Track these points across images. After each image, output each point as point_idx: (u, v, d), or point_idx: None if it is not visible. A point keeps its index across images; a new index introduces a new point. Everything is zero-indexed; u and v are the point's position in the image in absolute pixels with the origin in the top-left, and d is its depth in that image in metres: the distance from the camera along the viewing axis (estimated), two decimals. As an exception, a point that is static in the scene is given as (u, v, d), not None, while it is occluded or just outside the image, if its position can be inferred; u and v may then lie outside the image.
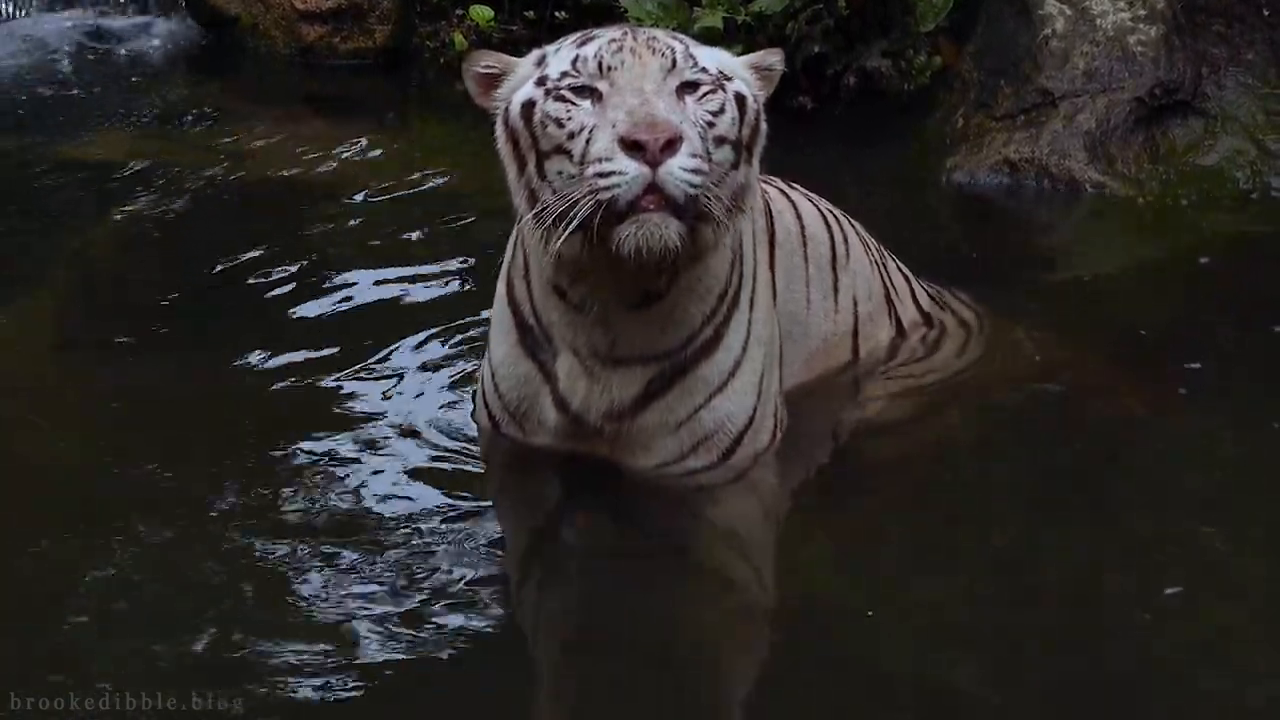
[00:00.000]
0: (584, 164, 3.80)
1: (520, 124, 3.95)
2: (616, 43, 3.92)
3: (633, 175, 3.74)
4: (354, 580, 3.94)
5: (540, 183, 3.91)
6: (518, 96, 3.98)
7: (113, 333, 5.25)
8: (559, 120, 3.87)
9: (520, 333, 4.25)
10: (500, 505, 4.40)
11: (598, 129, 3.80)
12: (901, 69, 7.28)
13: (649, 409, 4.19)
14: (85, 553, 4.03)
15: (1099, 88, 6.73)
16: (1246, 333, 5.36)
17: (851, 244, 4.83)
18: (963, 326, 5.09)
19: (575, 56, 3.93)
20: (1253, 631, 3.87)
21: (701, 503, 4.29)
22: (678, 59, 3.90)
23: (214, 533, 4.10)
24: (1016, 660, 3.75)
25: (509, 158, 4.01)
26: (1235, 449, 4.67)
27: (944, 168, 6.78)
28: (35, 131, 7.17)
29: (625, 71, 3.86)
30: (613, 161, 3.74)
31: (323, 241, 6.00)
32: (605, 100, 3.84)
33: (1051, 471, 4.56)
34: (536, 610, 4.06)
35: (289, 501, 4.26)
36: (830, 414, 4.74)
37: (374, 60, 8.14)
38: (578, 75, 3.90)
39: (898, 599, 3.96)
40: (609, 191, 3.74)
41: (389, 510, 4.23)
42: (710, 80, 3.93)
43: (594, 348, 4.14)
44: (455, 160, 6.83)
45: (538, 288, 4.17)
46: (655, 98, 3.81)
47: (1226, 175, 6.60)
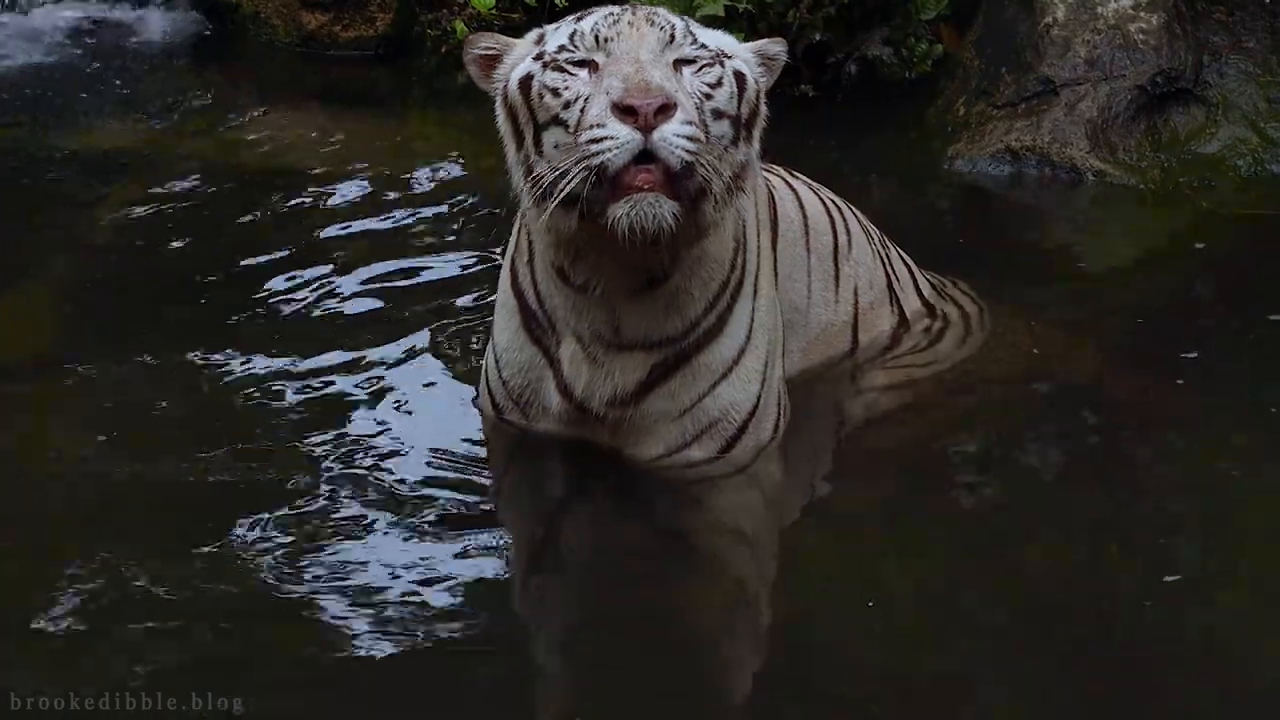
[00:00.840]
0: (578, 131, 3.79)
1: (519, 98, 3.96)
2: (613, 16, 3.94)
3: (624, 140, 3.72)
4: (354, 570, 3.94)
5: (537, 156, 3.91)
6: (515, 73, 3.99)
7: (113, 323, 5.24)
8: (555, 90, 3.87)
9: (524, 318, 4.25)
10: (502, 494, 4.40)
11: (593, 97, 3.80)
12: (903, 57, 7.28)
13: (652, 395, 4.19)
14: (84, 551, 4.02)
15: (1100, 76, 6.72)
16: (1247, 321, 5.36)
17: (854, 234, 4.83)
18: (965, 318, 5.09)
19: (573, 31, 3.94)
20: (1255, 617, 3.88)
21: (703, 494, 4.29)
22: (676, 34, 3.91)
23: (214, 529, 4.09)
24: (1018, 652, 3.76)
25: (508, 135, 4.01)
26: (1237, 438, 4.67)
27: (945, 156, 6.78)
28: (36, 122, 7.16)
29: (622, 42, 3.87)
30: (605, 128, 3.74)
31: (324, 230, 5.99)
32: (602, 70, 3.84)
33: (1053, 463, 4.56)
34: (538, 599, 4.07)
35: (291, 491, 4.25)
36: (832, 404, 4.74)
37: (375, 48, 8.12)
38: (575, 49, 3.90)
39: (898, 591, 3.96)
40: (599, 157, 3.73)
41: (391, 499, 4.23)
42: (709, 56, 3.94)
43: (597, 332, 4.14)
44: (457, 149, 6.83)
45: (541, 271, 4.17)
46: (650, 66, 3.81)
47: (1228, 163, 6.60)
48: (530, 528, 4.36)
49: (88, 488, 4.33)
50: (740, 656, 3.86)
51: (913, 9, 7.20)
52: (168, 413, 4.67)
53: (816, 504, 4.44)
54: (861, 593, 3.94)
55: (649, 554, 4.16)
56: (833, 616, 3.88)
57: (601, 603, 3.99)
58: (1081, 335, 5.21)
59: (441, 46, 8.07)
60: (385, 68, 8.03)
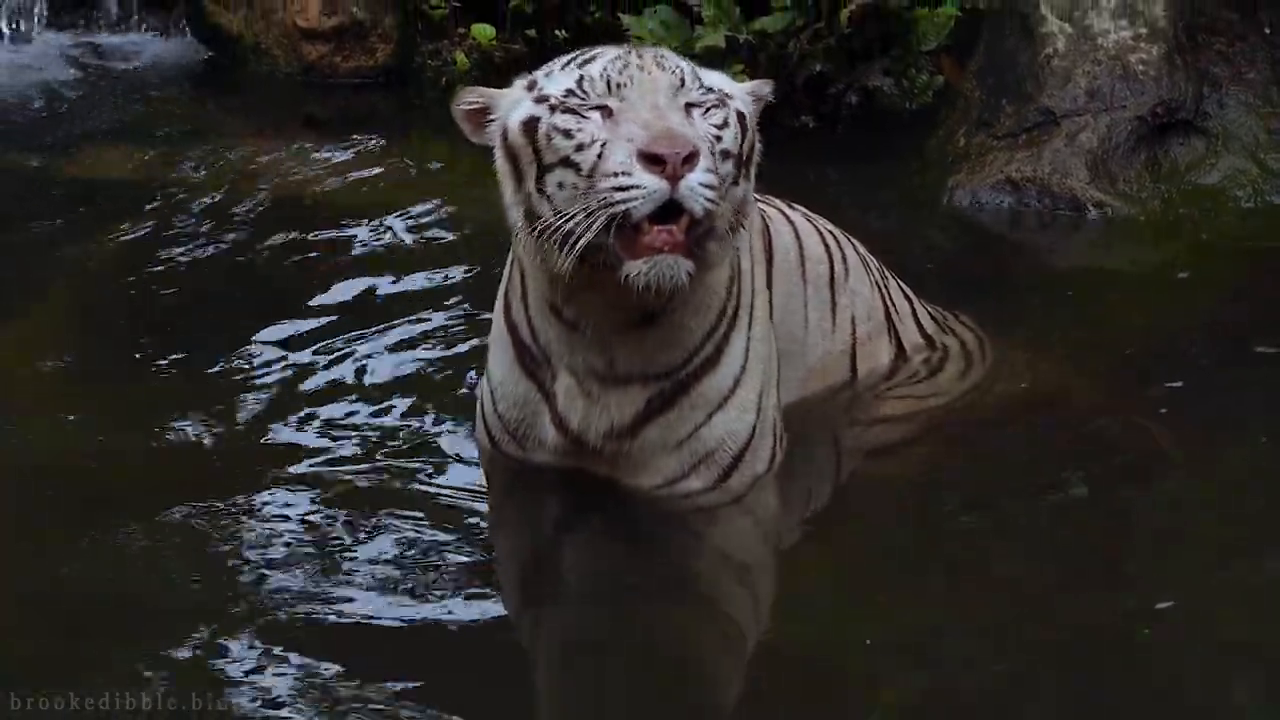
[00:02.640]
0: (593, 176, 3.78)
1: (521, 140, 3.94)
2: (623, 60, 3.93)
3: (651, 189, 3.72)
4: (350, 595, 3.93)
5: (538, 196, 3.90)
6: (515, 116, 3.97)
7: (112, 352, 5.25)
8: (567, 131, 3.86)
9: (518, 352, 4.24)
10: (499, 525, 4.39)
11: (611, 143, 3.79)
12: (903, 88, 7.29)
13: (649, 427, 4.18)
14: (84, 559, 4.07)
15: (1101, 106, 6.72)
16: (1247, 352, 5.35)
17: (851, 264, 4.83)
18: (965, 350, 5.08)
19: (580, 76, 3.92)
20: (1251, 642, 3.87)
21: (701, 524, 4.28)
22: (685, 78, 3.92)
23: (212, 545, 4.11)
24: (1017, 688, 3.74)
25: (507, 175, 4.00)
26: (1239, 473, 4.66)
27: (945, 187, 6.77)
28: (35, 150, 7.18)
29: (636, 87, 3.87)
30: (631, 176, 3.73)
31: (321, 260, 6.01)
32: (617, 115, 3.83)
33: (1052, 496, 4.55)
34: (533, 628, 4.05)
35: (287, 517, 4.25)
36: (830, 436, 4.73)
37: (375, 79, 8.14)
38: (585, 94, 3.89)
39: (896, 624, 3.94)
40: (625, 204, 3.73)
41: (387, 528, 4.22)
42: (714, 99, 3.95)
43: (591, 367, 4.13)
44: (455, 180, 6.83)
45: (534, 308, 4.16)
46: (670, 112, 3.82)
47: (1228, 194, 6.60)
48: (527, 556, 4.35)
49: (87, 499, 4.37)
50: (736, 686, 3.84)
51: (913, 40, 7.22)
52: (163, 436, 4.67)
53: (814, 535, 4.43)
54: (858, 627, 3.91)
55: (645, 582, 4.14)
56: (831, 648, 3.86)
57: (595, 631, 3.97)
58: (1081, 366, 5.20)
59: (442, 77, 8.09)
60: (385, 98, 8.04)
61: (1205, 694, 3.69)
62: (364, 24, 8.19)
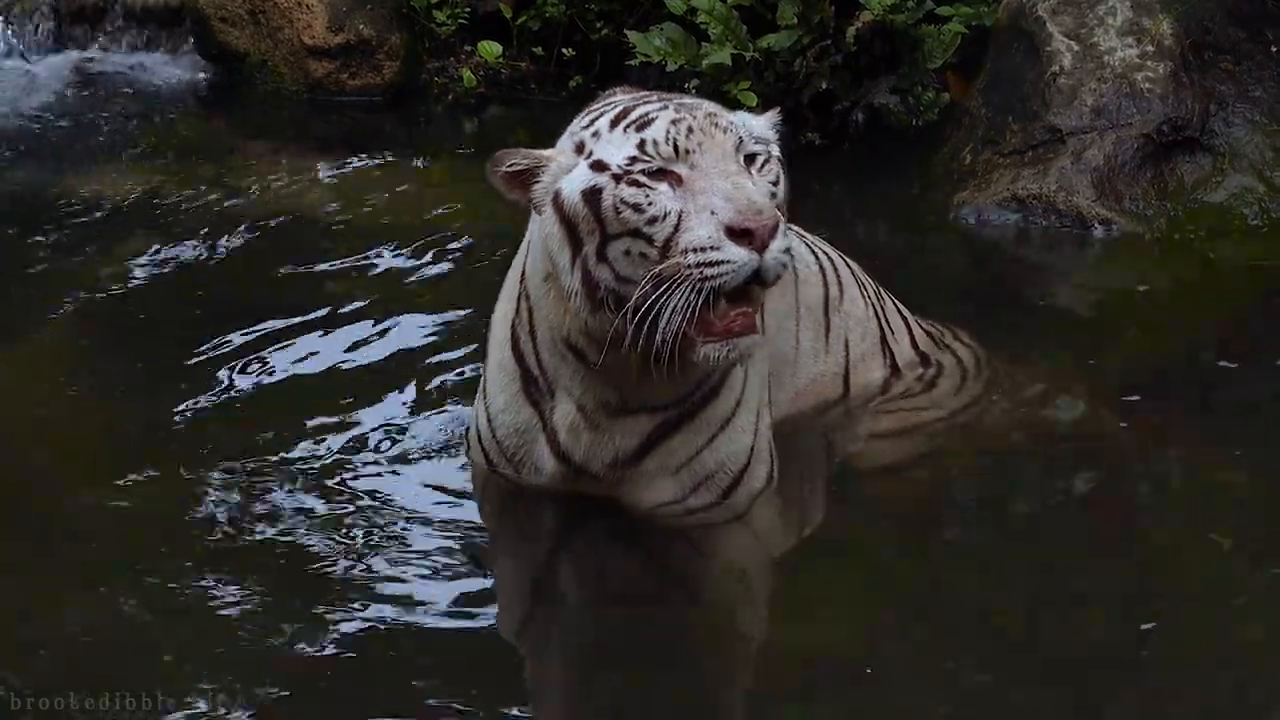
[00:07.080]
0: (668, 249, 3.79)
1: (583, 210, 3.89)
2: (684, 123, 3.89)
3: (742, 263, 3.76)
4: (348, 617, 3.94)
5: (598, 264, 3.88)
6: (572, 184, 3.92)
7: (118, 371, 5.26)
8: (637, 205, 3.83)
9: (524, 383, 4.24)
10: (497, 543, 4.42)
11: (691, 215, 3.80)
12: (910, 105, 7.28)
13: (652, 454, 4.19)
14: (85, 566, 4.13)
15: (1107, 124, 6.71)
16: (1252, 370, 5.35)
17: (845, 285, 4.83)
18: (961, 366, 5.07)
19: (641, 141, 3.88)
20: (1251, 655, 3.90)
21: (700, 537, 4.30)
22: (742, 135, 3.92)
23: (211, 563, 4.15)
24: (1016, 700, 3.74)
25: (562, 242, 3.93)
26: (1247, 491, 4.65)
27: (951, 204, 6.77)
28: (40, 169, 7.19)
29: (704, 155, 3.85)
30: (721, 250, 3.76)
31: (327, 279, 6.02)
32: (689, 184, 3.83)
33: (1049, 512, 4.55)
34: (533, 646, 4.06)
35: (284, 539, 4.27)
36: (825, 451, 4.75)
37: (382, 96, 8.14)
38: (650, 160, 3.86)
39: (894, 643, 3.95)
40: (717, 280, 3.76)
41: (383, 548, 4.23)
42: (764, 151, 3.96)
43: (603, 400, 4.13)
44: (462, 198, 6.82)
45: (545, 345, 4.14)
46: (745, 180, 3.83)
47: (1235, 212, 6.59)
48: (524, 576, 4.36)
49: (88, 512, 4.42)
50: (734, 694, 3.87)
51: (920, 57, 7.20)
52: (169, 454, 4.70)
53: (812, 548, 4.43)
54: (858, 645, 3.92)
55: (645, 595, 4.17)
56: (830, 657, 3.87)
57: (595, 649, 3.98)
58: (1085, 383, 5.19)
59: (449, 95, 8.10)
60: (392, 115, 8.06)
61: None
62: (371, 41, 8.18)
